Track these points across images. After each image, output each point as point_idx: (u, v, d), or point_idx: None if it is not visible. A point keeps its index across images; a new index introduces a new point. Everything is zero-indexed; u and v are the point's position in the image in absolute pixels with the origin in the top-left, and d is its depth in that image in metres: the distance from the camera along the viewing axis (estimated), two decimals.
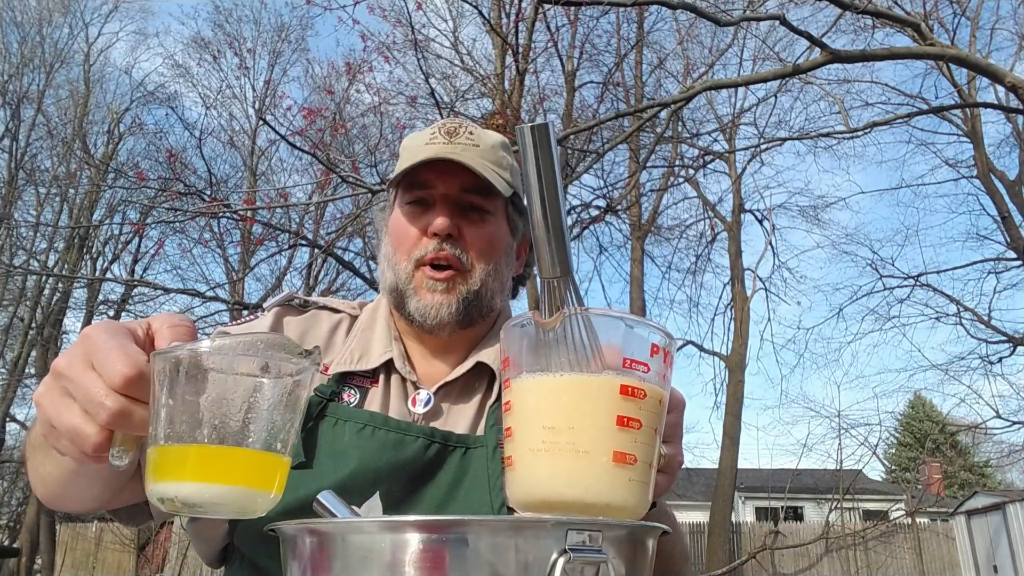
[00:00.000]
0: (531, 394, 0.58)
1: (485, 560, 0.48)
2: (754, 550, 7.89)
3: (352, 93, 12.06)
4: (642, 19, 13.10)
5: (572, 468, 0.55)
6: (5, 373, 16.49)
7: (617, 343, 0.59)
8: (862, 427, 19.99)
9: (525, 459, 0.58)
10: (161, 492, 0.55)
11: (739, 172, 16.55)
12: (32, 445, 0.84)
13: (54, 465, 0.80)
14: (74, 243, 16.31)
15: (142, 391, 0.56)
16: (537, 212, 0.58)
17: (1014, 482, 25.59)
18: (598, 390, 0.56)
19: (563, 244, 0.59)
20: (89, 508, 0.89)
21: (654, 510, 0.81)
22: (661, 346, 0.60)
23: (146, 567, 16.75)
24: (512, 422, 0.60)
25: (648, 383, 0.58)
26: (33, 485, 0.86)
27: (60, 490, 0.83)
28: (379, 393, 1.02)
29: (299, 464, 0.92)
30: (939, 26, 10.72)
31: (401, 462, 0.93)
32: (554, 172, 0.58)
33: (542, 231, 0.58)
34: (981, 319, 13.74)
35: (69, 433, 0.57)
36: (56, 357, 0.61)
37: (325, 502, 0.67)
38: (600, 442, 0.55)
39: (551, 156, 0.58)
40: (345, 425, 0.95)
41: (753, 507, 23.32)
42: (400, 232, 1.05)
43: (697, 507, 21.41)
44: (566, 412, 0.56)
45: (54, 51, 17.99)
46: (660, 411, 0.60)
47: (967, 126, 14.05)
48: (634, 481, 0.57)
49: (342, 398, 0.99)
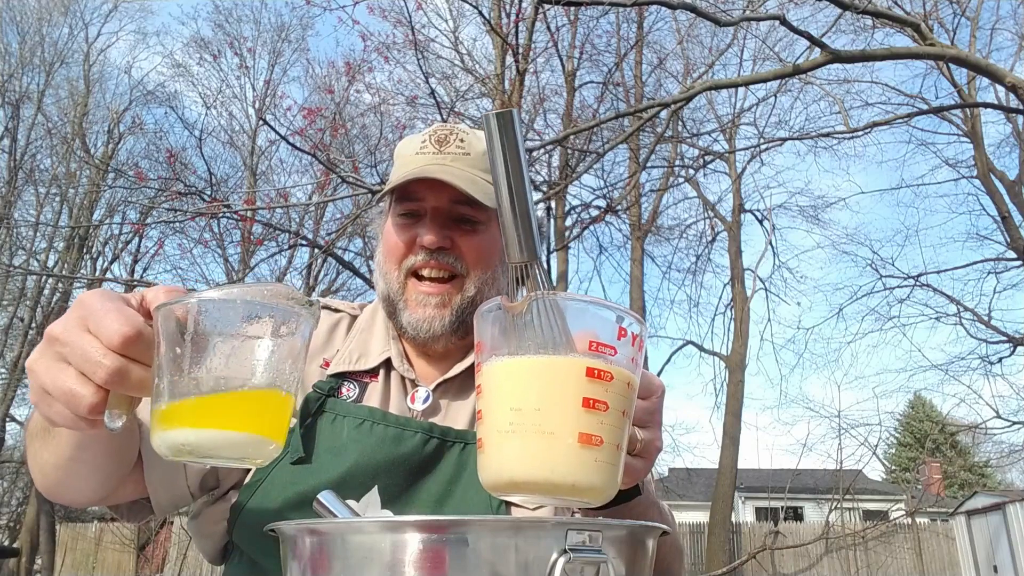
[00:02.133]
0: (499, 377, 0.59)
1: (485, 560, 0.48)
2: (754, 550, 7.89)
3: (352, 93, 12.07)
4: (642, 19, 13.11)
5: (539, 449, 0.56)
6: (5, 373, 16.49)
7: (584, 326, 0.59)
8: (862, 427, 20.02)
9: (493, 440, 0.58)
10: (169, 440, 0.55)
11: (739, 172, 16.55)
12: (31, 434, 0.84)
13: (51, 452, 0.79)
14: (74, 243, 16.31)
15: (140, 352, 0.57)
16: (504, 198, 0.59)
17: (1014, 482, 25.59)
18: (565, 372, 0.57)
19: (530, 229, 0.60)
20: (90, 500, 0.88)
21: (641, 502, 0.81)
22: (629, 330, 0.60)
23: (146, 567, 16.76)
24: (482, 405, 0.60)
25: (615, 366, 0.58)
26: (33, 476, 0.86)
27: (59, 478, 0.83)
28: (378, 389, 1.02)
29: (298, 459, 0.92)
30: (939, 26, 10.73)
31: (400, 457, 0.93)
32: (519, 158, 0.59)
33: (509, 217, 0.59)
34: (981, 319, 13.73)
35: (64, 396, 0.58)
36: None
37: (325, 502, 0.67)
38: (566, 423, 0.56)
39: (516, 143, 0.58)
40: (344, 420, 0.95)
41: (753, 507, 23.33)
42: (391, 242, 1.05)
43: (697, 507, 21.41)
44: (533, 393, 0.57)
45: (54, 51, 18.00)
46: (629, 394, 0.60)
47: (967, 126, 14.05)
48: (600, 462, 0.57)
49: (341, 392, 1.00)
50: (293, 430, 0.94)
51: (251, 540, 0.92)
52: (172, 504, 0.96)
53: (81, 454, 0.77)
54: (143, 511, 0.98)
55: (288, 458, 0.92)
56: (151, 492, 0.93)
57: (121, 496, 0.93)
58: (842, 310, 15.61)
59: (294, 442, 0.93)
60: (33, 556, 14.34)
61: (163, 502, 0.95)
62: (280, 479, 0.92)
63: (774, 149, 14.72)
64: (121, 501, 0.95)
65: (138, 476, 0.92)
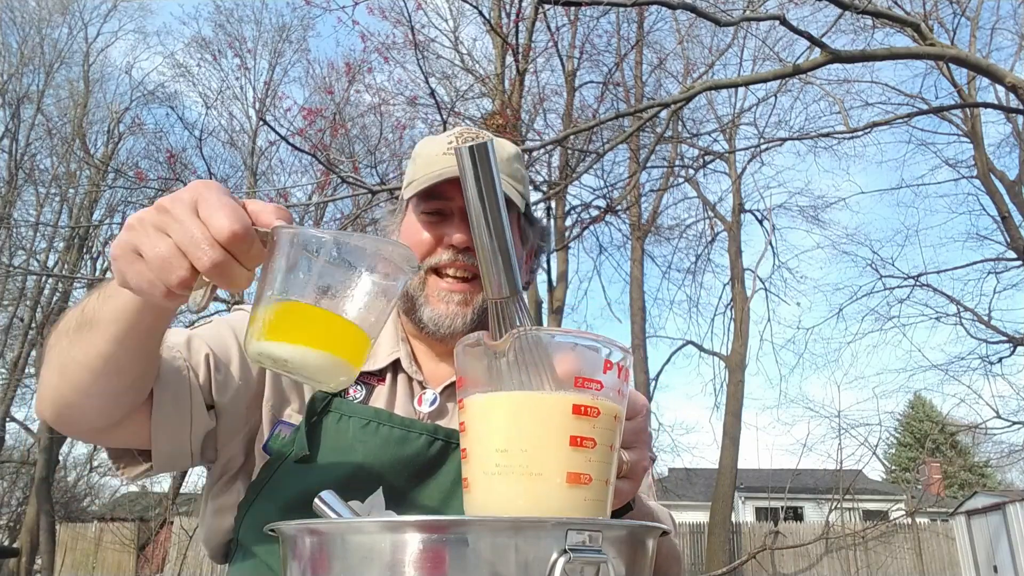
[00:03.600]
0: (483, 414, 0.58)
1: (485, 560, 0.48)
2: (754, 550, 7.89)
3: (352, 93, 12.06)
4: (642, 19, 13.11)
5: (527, 491, 0.55)
6: (5, 373, 16.48)
7: (569, 362, 0.58)
8: (862, 427, 19.99)
9: (479, 482, 0.57)
10: (263, 349, 0.59)
11: (739, 172, 16.55)
12: (61, 331, 0.80)
13: (83, 348, 0.76)
14: (74, 243, 16.31)
15: (241, 251, 0.59)
16: (483, 234, 0.58)
17: (1014, 482, 25.57)
18: (550, 410, 0.56)
19: (510, 265, 0.58)
20: (93, 427, 0.85)
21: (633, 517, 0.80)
22: (615, 361, 0.59)
23: (146, 567, 16.76)
24: (467, 443, 0.59)
25: (602, 400, 0.57)
26: (45, 392, 0.82)
27: (76, 387, 0.79)
28: (385, 391, 1.02)
29: (303, 457, 0.92)
30: (939, 26, 10.73)
31: (404, 458, 0.93)
32: (495, 192, 0.57)
33: (488, 252, 0.58)
34: (981, 319, 13.73)
35: (159, 262, 0.59)
36: None
37: (325, 502, 0.67)
38: (553, 463, 0.55)
39: (491, 176, 0.57)
40: (349, 420, 0.95)
41: (753, 507, 23.32)
42: (415, 239, 1.05)
43: (697, 507, 21.40)
44: (518, 434, 0.56)
45: (54, 51, 17.99)
46: (616, 427, 0.59)
47: (967, 126, 14.04)
48: (590, 500, 0.56)
49: (347, 393, 1.00)
50: (299, 428, 0.94)
51: (256, 538, 0.92)
52: (170, 458, 0.93)
53: (116, 350, 0.75)
54: (132, 463, 0.95)
55: (293, 455, 0.92)
56: (153, 438, 0.90)
57: (122, 436, 0.90)
58: (842, 310, 15.62)
59: (299, 440, 0.93)
60: (33, 556, 14.34)
61: (163, 451, 0.91)
62: (285, 477, 0.92)
63: (774, 149, 14.74)
64: (120, 444, 0.92)
65: (143, 419, 0.89)
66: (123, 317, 0.72)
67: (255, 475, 0.95)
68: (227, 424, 0.97)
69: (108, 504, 22.03)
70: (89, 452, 19.52)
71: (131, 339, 0.75)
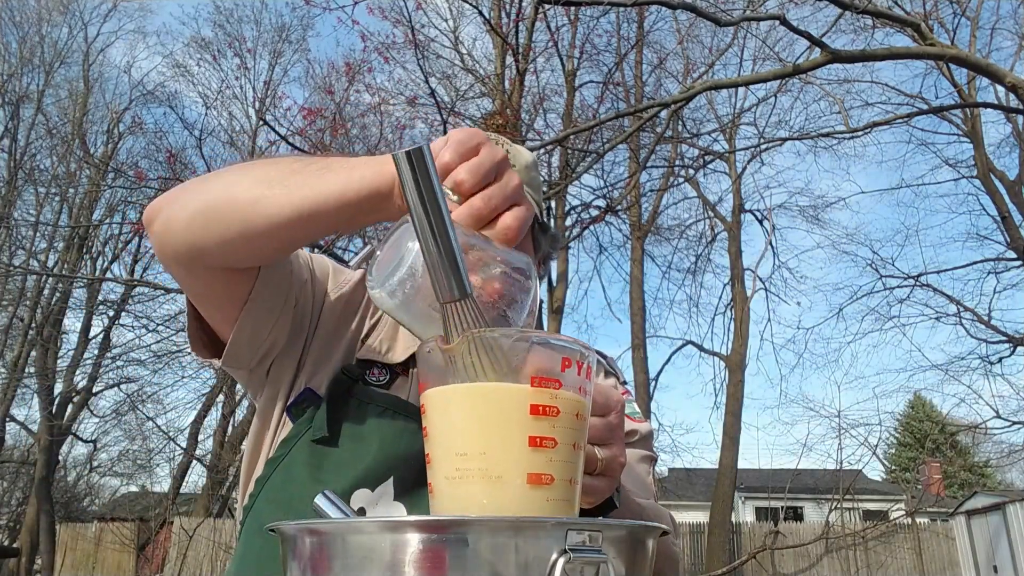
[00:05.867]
0: (441, 409, 0.58)
1: (485, 560, 0.48)
2: (754, 550, 7.90)
3: (352, 93, 12.06)
4: (642, 19, 13.11)
5: (488, 493, 0.55)
6: (5, 373, 16.49)
7: (524, 361, 0.58)
8: (862, 427, 20.03)
9: (442, 488, 0.57)
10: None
11: (739, 172, 16.56)
12: (272, 162, 0.80)
13: (300, 193, 0.75)
14: (74, 243, 16.32)
15: None
16: (428, 238, 0.58)
17: (1014, 482, 25.62)
18: (508, 401, 0.56)
19: (456, 267, 0.58)
20: (224, 251, 0.82)
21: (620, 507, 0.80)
22: (573, 359, 0.58)
23: (146, 567, 16.77)
24: (429, 448, 0.59)
25: (561, 399, 0.57)
26: (196, 200, 0.81)
27: (256, 216, 0.77)
28: (407, 384, 1.03)
29: (321, 439, 0.93)
30: (939, 26, 10.73)
31: (417, 450, 0.93)
32: (435, 195, 0.58)
33: (435, 256, 0.58)
34: (981, 319, 13.75)
35: (487, 161, 0.68)
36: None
37: (324, 502, 0.68)
38: (513, 465, 0.55)
39: (431, 180, 0.57)
40: (368, 407, 0.96)
41: (753, 507, 23.34)
42: None
43: (697, 507, 21.42)
44: (476, 436, 0.56)
45: (53, 50, 18.00)
46: (579, 425, 0.59)
47: (967, 126, 14.06)
48: (552, 500, 0.56)
49: (372, 373, 1.00)
50: (320, 407, 0.95)
51: (270, 513, 0.93)
52: (249, 346, 0.95)
53: (334, 207, 0.74)
54: (206, 348, 0.98)
55: (310, 435, 0.93)
56: (242, 319, 0.92)
57: (228, 283, 0.90)
58: (842, 310, 15.64)
59: (318, 419, 0.94)
60: (33, 556, 14.36)
61: (243, 338, 0.94)
62: (301, 457, 0.93)
63: (774, 149, 14.75)
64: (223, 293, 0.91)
65: (244, 289, 0.91)
66: (371, 190, 0.73)
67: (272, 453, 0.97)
68: (290, 345, 1.00)
69: (108, 504, 22.07)
70: (89, 452, 19.54)
71: (352, 208, 0.75)
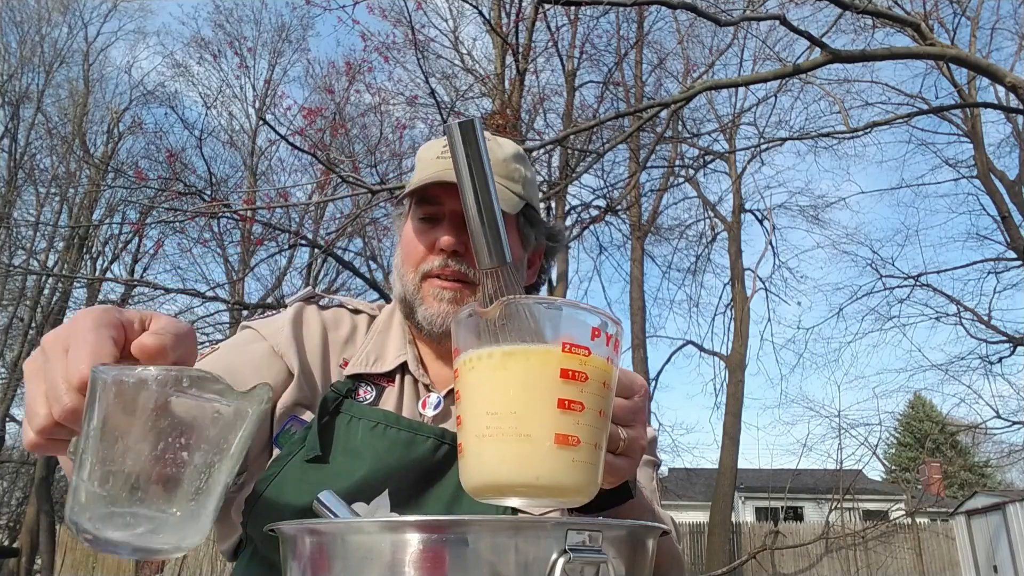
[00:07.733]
0: (473, 370, 0.59)
1: (485, 560, 0.48)
2: (754, 550, 7.90)
3: (352, 93, 12.06)
4: (642, 19, 13.11)
5: (516, 452, 0.56)
6: (5, 373, 16.49)
7: (557, 328, 0.59)
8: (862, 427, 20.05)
9: (472, 446, 0.58)
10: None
11: (739, 172, 16.55)
12: None
13: None
14: (74, 243, 16.31)
15: None
16: (471, 206, 0.61)
17: (1014, 482, 25.61)
18: (538, 364, 0.57)
19: (498, 235, 0.61)
20: None
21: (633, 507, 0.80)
22: (603, 329, 0.60)
23: (146, 567, 16.76)
24: (460, 410, 0.61)
25: (589, 366, 0.59)
26: None
27: None
28: (394, 393, 1.03)
29: (314, 458, 0.92)
30: (939, 26, 10.73)
31: (411, 462, 0.94)
32: (483, 166, 0.60)
33: (477, 224, 0.61)
34: (981, 319, 13.75)
35: (28, 409, 0.57)
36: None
37: (325, 502, 0.68)
38: (542, 425, 0.56)
39: (479, 151, 0.60)
40: (359, 423, 0.96)
41: (753, 507, 23.32)
42: (409, 246, 1.07)
43: (697, 507, 21.41)
44: (508, 397, 0.57)
45: (53, 50, 17.99)
46: (605, 393, 0.60)
47: (967, 126, 14.06)
48: (578, 462, 0.57)
49: (358, 394, 1.01)
50: (310, 426, 0.95)
51: (262, 534, 0.92)
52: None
53: None
54: None
55: (303, 455, 0.93)
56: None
57: None
58: (842, 310, 15.68)
59: (310, 440, 0.93)
60: (33, 556, 14.35)
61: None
62: (294, 475, 0.92)
63: (774, 149, 14.75)
64: None
65: None
66: None
67: (264, 471, 0.96)
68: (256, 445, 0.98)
69: None
70: None
71: None
